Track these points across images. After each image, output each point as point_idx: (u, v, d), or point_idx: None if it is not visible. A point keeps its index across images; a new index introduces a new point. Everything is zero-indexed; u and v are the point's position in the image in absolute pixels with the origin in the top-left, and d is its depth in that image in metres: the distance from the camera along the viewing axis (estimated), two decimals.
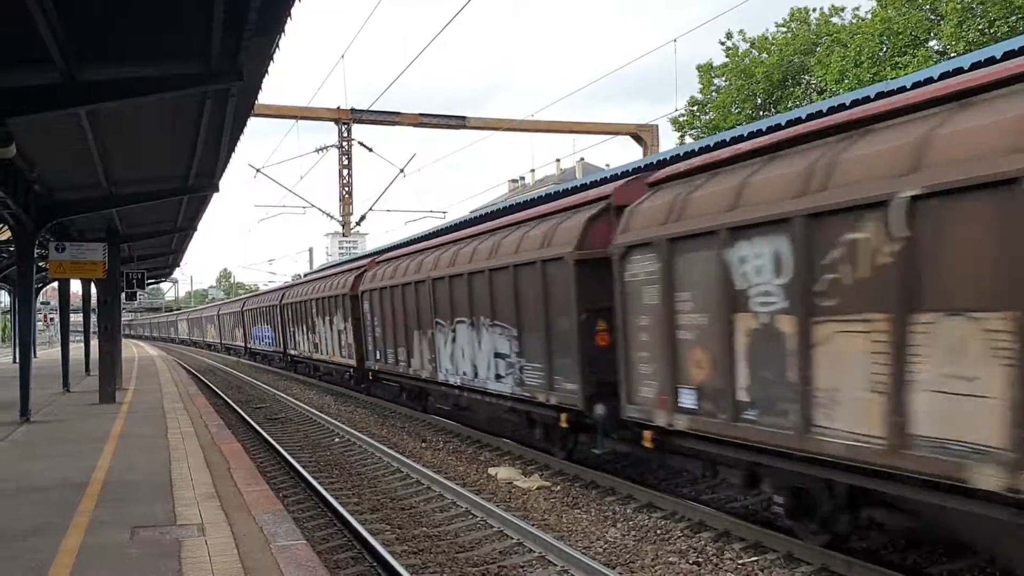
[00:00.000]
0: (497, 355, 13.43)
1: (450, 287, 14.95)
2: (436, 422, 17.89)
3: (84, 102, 10.04)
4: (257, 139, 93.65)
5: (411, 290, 17.13)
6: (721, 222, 8.06)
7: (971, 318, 5.78)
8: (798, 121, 9.76)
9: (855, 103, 9.32)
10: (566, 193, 14.98)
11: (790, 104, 39.05)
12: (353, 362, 23.15)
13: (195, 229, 25.31)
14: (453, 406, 17.12)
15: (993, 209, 5.64)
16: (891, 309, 6.30)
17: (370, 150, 39.84)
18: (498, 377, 13.47)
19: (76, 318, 48.83)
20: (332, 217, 41.87)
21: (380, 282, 19.57)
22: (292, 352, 32.80)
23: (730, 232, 7.93)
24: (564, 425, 11.81)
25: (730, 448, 8.42)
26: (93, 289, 27.33)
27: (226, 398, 25.03)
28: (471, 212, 32.52)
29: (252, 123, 13.34)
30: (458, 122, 39.76)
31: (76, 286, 31.13)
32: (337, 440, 16.78)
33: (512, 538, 9.15)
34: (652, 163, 13.26)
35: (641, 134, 41.31)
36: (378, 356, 20.37)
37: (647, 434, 9.73)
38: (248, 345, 44.48)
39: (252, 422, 19.02)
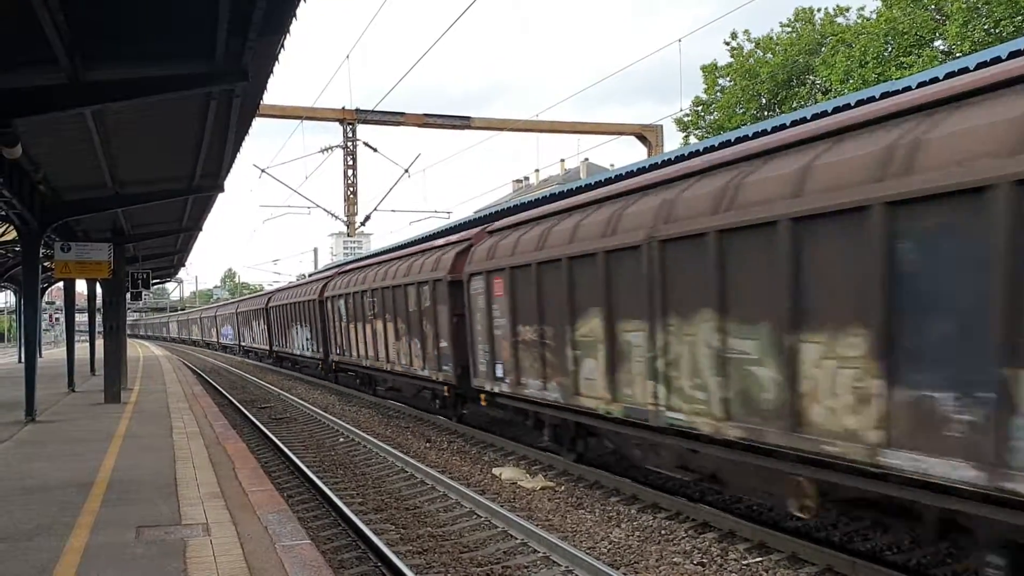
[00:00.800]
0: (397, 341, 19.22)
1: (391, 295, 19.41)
2: (441, 422, 17.92)
3: (89, 102, 10.04)
4: (262, 139, 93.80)
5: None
6: (508, 264, 12.70)
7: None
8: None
9: (860, 103, 9.33)
10: (452, 231, 20.79)
11: (795, 104, 38.99)
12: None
13: (200, 229, 25.34)
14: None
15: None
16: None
17: (375, 150, 39.84)
18: (411, 363, 18.28)
19: (81, 318, 48.95)
20: (337, 217, 41.86)
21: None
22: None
23: (511, 269, 12.59)
24: (447, 394, 16.86)
25: (522, 403, 13.00)
26: (99, 289, 27.38)
27: (231, 398, 25.06)
28: (475, 212, 32.56)
29: (257, 123, 13.35)
30: (462, 122, 39.75)
31: (81, 286, 31.19)
32: (342, 440, 16.80)
33: (516, 538, 9.15)
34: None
35: (646, 134, 41.24)
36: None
37: (482, 396, 14.45)
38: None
39: (257, 422, 19.04)
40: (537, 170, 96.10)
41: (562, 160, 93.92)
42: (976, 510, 6.07)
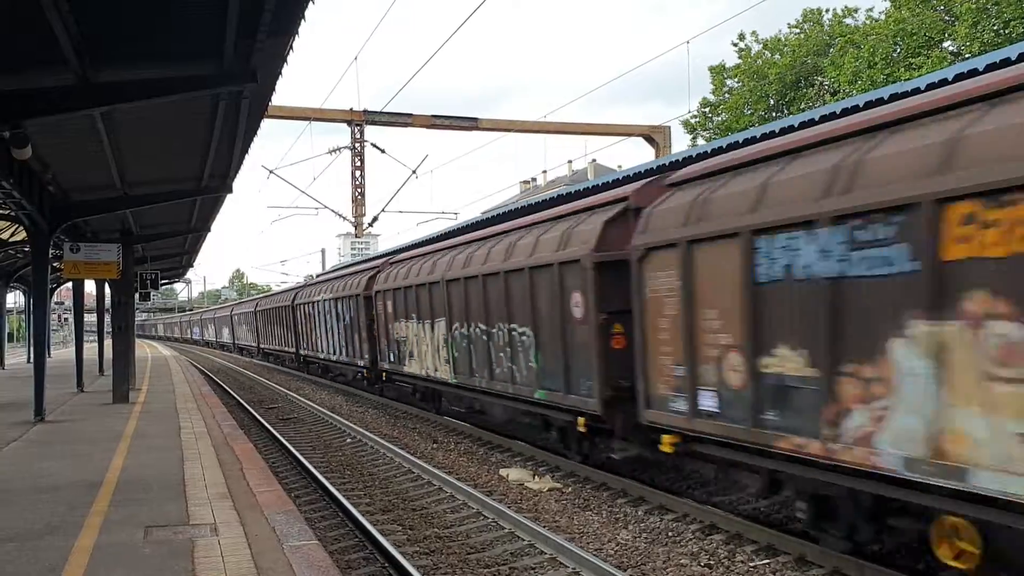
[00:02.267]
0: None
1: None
2: (447, 423, 17.92)
3: (98, 103, 10.09)
4: (270, 140, 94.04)
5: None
6: (391, 287, 19.28)
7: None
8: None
9: (868, 104, 9.32)
10: (372, 258, 26.07)
11: (803, 105, 38.91)
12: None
13: (208, 230, 25.42)
14: None
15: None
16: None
17: (383, 151, 39.90)
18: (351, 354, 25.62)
19: (90, 318, 49.11)
20: (344, 218, 41.93)
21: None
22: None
23: (394, 291, 18.57)
24: (366, 375, 23.62)
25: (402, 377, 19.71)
26: (107, 289, 27.47)
27: (239, 398, 25.10)
28: (482, 213, 32.47)
29: (265, 124, 13.40)
30: (470, 123, 39.75)
31: (90, 286, 31.28)
32: (349, 441, 16.82)
33: (523, 539, 9.15)
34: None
35: (653, 135, 41.18)
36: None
37: (383, 374, 21.84)
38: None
39: (264, 422, 19.07)
40: (544, 171, 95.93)
41: (569, 161, 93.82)
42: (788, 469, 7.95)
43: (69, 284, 32.88)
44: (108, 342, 28.71)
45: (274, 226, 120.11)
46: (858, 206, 6.73)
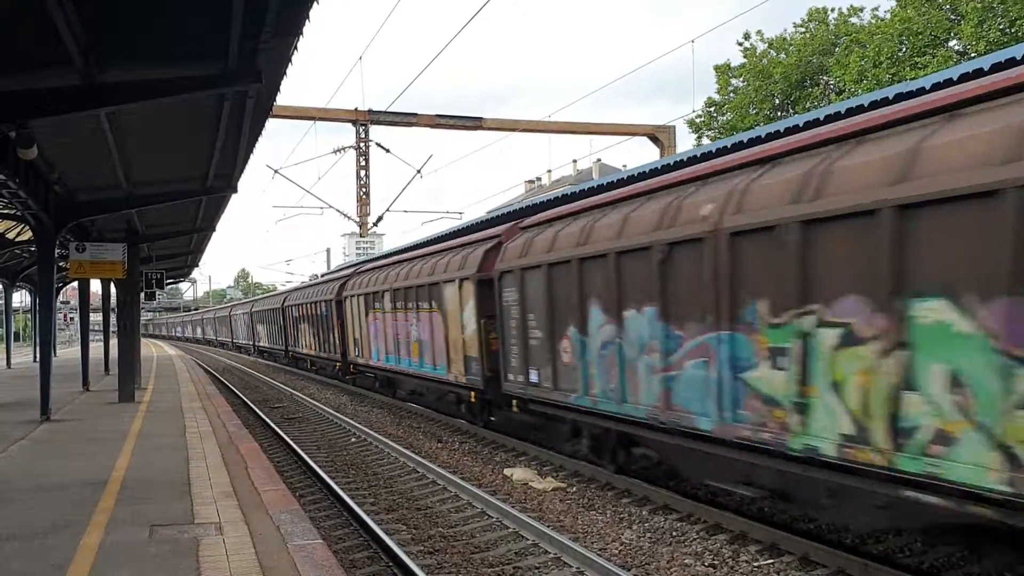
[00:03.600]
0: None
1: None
2: (451, 422, 17.95)
3: (104, 104, 10.12)
4: (275, 140, 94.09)
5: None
6: (358, 293, 23.17)
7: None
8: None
9: (873, 104, 9.34)
10: (340, 268, 30.44)
11: (808, 105, 38.85)
12: None
13: (213, 229, 25.50)
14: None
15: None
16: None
17: (387, 151, 39.89)
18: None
19: (95, 317, 49.06)
20: (349, 218, 41.90)
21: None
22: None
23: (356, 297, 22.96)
24: (338, 366, 27.34)
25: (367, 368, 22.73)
26: (113, 289, 27.53)
27: (244, 398, 25.14)
28: (487, 213, 32.50)
29: (270, 124, 13.42)
30: (474, 123, 39.74)
31: (96, 285, 31.38)
32: (353, 440, 16.84)
33: (528, 539, 9.16)
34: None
35: (658, 135, 41.10)
36: None
37: (352, 367, 25.20)
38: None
39: (269, 421, 19.10)
40: (549, 171, 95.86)
41: (574, 161, 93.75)
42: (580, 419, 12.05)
43: (75, 283, 32.97)
44: (113, 341, 28.77)
45: (279, 225, 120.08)
46: (589, 252, 11.00)
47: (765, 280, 7.82)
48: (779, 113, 40.77)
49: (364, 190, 40.66)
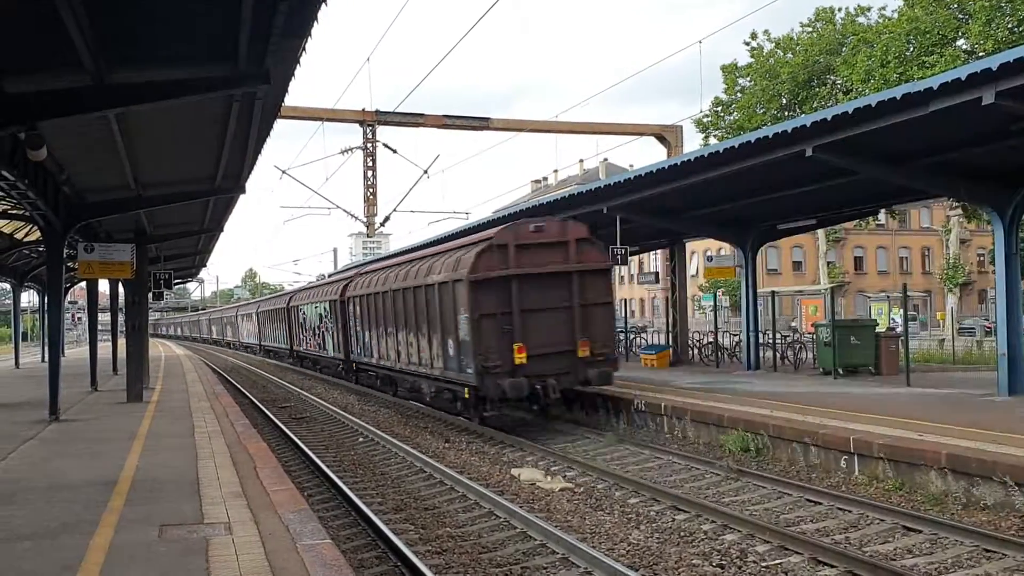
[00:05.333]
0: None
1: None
2: (459, 422, 17.98)
3: (113, 105, 10.14)
4: (283, 140, 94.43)
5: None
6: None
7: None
8: None
9: (880, 104, 9.36)
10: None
11: (816, 104, 38.76)
12: None
13: (222, 230, 25.56)
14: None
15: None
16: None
17: (394, 151, 39.94)
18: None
19: (104, 317, 49.24)
20: (356, 218, 41.89)
21: None
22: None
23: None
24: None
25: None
26: (121, 289, 27.61)
27: (251, 397, 25.21)
28: (494, 212, 32.50)
29: (278, 125, 13.45)
30: (481, 123, 39.73)
31: (104, 286, 31.45)
32: (361, 440, 16.87)
33: (535, 539, 9.17)
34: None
35: (665, 135, 41.03)
36: None
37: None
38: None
39: (277, 421, 19.16)
40: (556, 171, 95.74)
41: (581, 160, 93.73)
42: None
43: (83, 284, 33.06)
44: (121, 341, 28.86)
45: (287, 226, 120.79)
46: (379, 289, 23.09)
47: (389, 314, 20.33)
48: (786, 113, 40.67)
49: (371, 190, 40.69)
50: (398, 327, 20.46)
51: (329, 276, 43.58)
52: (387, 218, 40.60)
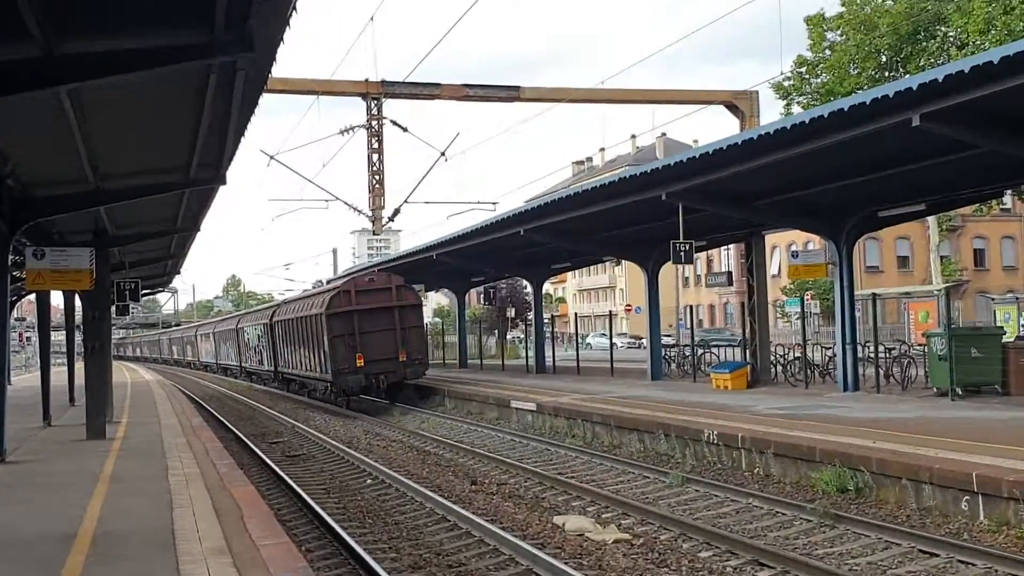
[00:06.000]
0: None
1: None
2: (489, 457, 17.99)
3: (66, 80, 10.20)
4: (271, 119, 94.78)
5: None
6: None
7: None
8: None
9: (1004, 60, 9.23)
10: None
11: (923, 63, 38.42)
12: None
13: (198, 229, 25.75)
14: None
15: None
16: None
17: (404, 130, 40.16)
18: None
19: (58, 337, 49.77)
20: (360, 212, 42.17)
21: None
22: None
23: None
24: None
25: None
26: (78, 302, 27.89)
27: (236, 431, 25.42)
28: (526, 202, 32.57)
29: (265, 100, 13.51)
30: (511, 93, 39.77)
31: (58, 299, 31.85)
32: (369, 481, 16.95)
33: None
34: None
35: (737, 103, 40.84)
36: None
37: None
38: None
39: (268, 460, 19.30)
40: (602, 149, 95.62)
41: (633, 137, 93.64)
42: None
43: (32, 297, 33.45)
44: (80, 365, 29.19)
45: (277, 223, 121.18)
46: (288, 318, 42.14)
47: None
48: (887, 74, 40.37)
49: (377, 178, 40.85)
50: (300, 345, 35.89)
51: (327, 282, 49.10)
52: (396, 211, 40.82)
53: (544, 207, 25.75)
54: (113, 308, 28.39)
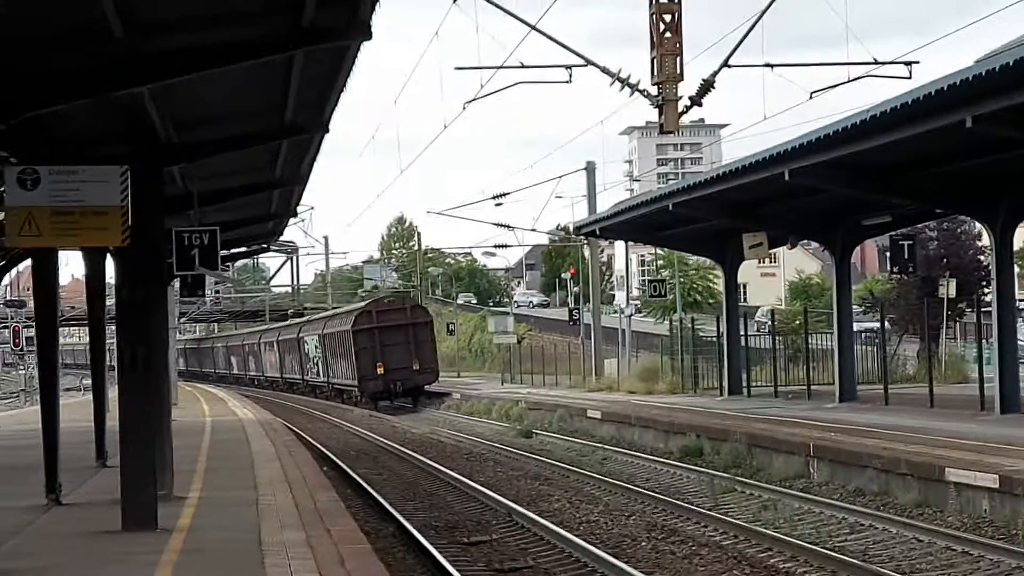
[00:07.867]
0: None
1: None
2: None
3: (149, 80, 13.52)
4: None
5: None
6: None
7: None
8: None
9: None
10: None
11: None
12: None
13: (303, 184, 26.61)
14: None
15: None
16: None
17: None
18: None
19: (71, 341, 52.00)
20: (634, 87, 41.17)
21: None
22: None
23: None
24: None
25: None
26: (111, 271, 27.64)
27: (400, 518, 25.42)
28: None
29: None
30: None
31: (75, 265, 32.39)
32: None
33: None
34: None
35: None
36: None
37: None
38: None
39: (454, 572, 19.21)
40: None
41: None
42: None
43: (26, 265, 33.98)
44: (114, 392, 28.20)
45: (468, 111, 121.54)
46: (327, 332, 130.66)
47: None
48: None
49: (665, 20, 39.88)
50: (330, 356, 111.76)
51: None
52: (707, 85, 39.82)
53: None
54: (174, 283, 28.37)
